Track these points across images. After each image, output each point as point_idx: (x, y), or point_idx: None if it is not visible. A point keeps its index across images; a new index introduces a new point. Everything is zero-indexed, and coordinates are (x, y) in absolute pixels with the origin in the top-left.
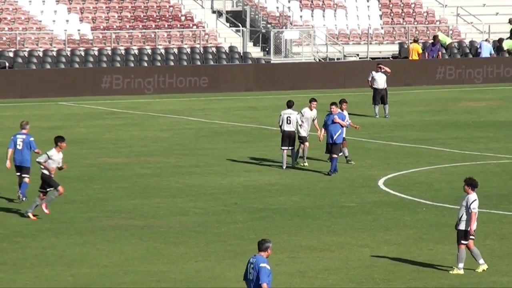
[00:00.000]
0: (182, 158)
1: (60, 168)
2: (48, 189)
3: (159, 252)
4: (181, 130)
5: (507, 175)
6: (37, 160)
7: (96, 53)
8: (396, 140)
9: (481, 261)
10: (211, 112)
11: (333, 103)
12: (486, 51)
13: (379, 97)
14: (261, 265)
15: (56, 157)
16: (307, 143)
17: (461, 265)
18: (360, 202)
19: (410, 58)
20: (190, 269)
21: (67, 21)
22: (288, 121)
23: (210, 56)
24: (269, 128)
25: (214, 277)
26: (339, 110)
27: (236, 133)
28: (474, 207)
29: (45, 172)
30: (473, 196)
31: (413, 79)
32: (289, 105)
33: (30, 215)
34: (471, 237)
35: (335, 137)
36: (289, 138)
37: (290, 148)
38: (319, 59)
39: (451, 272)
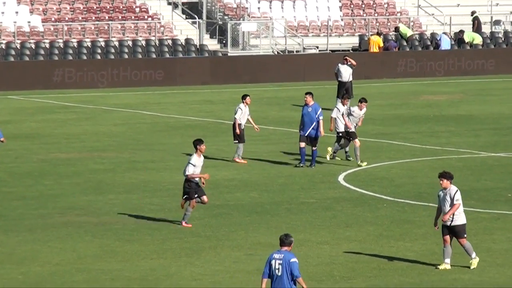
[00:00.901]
0: (137, 153)
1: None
2: (184, 197)
3: (113, 250)
4: (136, 124)
5: (468, 170)
6: (186, 173)
7: (47, 45)
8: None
9: (448, 260)
10: (166, 106)
11: (307, 93)
12: (446, 44)
13: (344, 90)
14: (292, 260)
15: (198, 162)
16: (357, 140)
17: (473, 254)
18: (319, 198)
19: (371, 51)
20: (145, 267)
21: (16, 12)
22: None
23: (166, 49)
24: (226, 122)
25: (170, 275)
26: (313, 101)
27: (192, 127)
28: (458, 198)
29: (194, 181)
30: (454, 188)
31: (373, 72)
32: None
33: (184, 224)
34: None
35: (311, 130)
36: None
37: (234, 141)
38: (277, 52)
39: (472, 267)
